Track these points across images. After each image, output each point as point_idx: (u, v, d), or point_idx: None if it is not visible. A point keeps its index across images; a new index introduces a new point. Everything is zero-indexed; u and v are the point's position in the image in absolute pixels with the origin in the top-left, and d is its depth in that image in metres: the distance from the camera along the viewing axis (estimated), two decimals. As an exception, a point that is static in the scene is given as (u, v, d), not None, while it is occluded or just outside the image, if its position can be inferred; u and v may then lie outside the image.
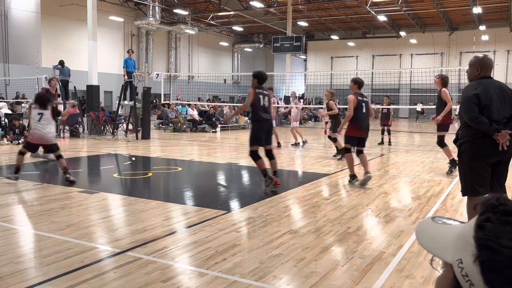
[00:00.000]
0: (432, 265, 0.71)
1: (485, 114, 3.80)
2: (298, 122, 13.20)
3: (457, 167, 7.57)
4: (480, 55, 4.10)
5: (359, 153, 7.15)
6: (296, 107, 13.48)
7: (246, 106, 6.80)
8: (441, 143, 8.36)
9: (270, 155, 6.72)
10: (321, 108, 17.25)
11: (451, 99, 8.30)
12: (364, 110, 7.02)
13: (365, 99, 7.12)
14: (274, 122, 13.11)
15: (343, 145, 7.84)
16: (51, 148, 7.07)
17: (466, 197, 4.13)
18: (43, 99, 7.05)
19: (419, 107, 29.77)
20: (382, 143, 13.84)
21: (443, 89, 8.08)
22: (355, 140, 7.08)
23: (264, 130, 6.55)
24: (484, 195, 4.22)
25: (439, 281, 0.71)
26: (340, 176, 8.16)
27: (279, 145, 12.71)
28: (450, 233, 0.67)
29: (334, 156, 10.56)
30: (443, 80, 8.15)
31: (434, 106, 8.99)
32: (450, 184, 7.38)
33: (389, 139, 13.85)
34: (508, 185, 4.21)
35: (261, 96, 6.42)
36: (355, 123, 7.00)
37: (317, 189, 6.92)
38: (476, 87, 3.88)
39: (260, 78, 6.58)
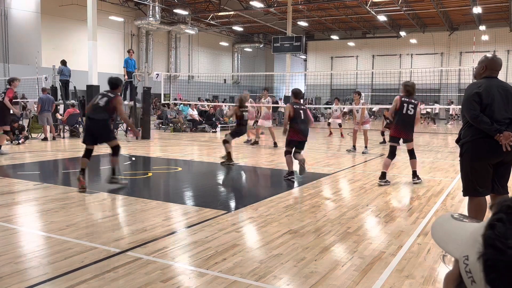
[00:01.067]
0: (444, 261, 0.72)
1: (486, 114, 3.79)
2: (269, 121, 13.39)
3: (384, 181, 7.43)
4: (490, 55, 4.06)
5: (296, 153, 7.71)
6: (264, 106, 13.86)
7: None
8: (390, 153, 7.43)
9: (112, 152, 6.87)
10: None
11: (402, 105, 7.24)
12: (302, 117, 7.57)
13: (302, 107, 7.67)
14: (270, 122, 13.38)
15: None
16: None
17: (467, 197, 4.13)
18: None
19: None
20: (384, 142, 14.02)
21: (397, 96, 7.46)
22: (295, 143, 7.65)
23: (88, 127, 6.76)
24: (485, 196, 4.21)
25: (447, 276, 0.72)
26: (340, 176, 8.16)
27: (275, 145, 12.74)
28: (465, 231, 0.68)
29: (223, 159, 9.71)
30: (404, 89, 7.36)
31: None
32: (450, 184, 7.38)
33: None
34: (510, 185, 4.20)
35: (99, 96, 6.72)
36: (295, 128, 7.54)
37: (317, 189, 6.91)
38: (479, 85, 3.87)
39: (110, 83, 6.84)
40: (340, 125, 17.17)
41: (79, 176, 6.45)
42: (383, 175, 7.33)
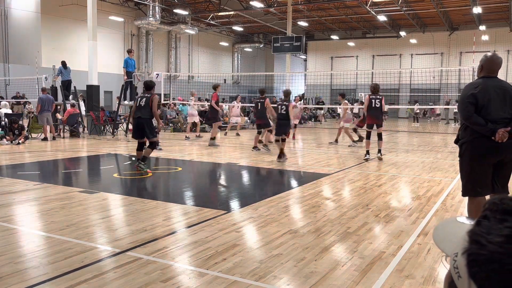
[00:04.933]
0: (447, 262, 0.75)
1: (482, 114, 3.77)
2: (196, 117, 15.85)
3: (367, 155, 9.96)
4: (489, 54, 4.03)
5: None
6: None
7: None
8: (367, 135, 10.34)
9: (149, 144, 8.23)
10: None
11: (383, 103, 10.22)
12: (259, 107, 11.67)
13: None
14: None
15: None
16: None
17: (467, 197, 4.12)
18: None
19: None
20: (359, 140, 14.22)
21: (366, 96, 10.40)
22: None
23: (135, 126, 8.16)
24: (484, 196, 4.21)
25: (445, 276, 0.75)
26: (340, 176, 8.16)
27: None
28: (461, 230, 0.71)
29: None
30: (370, 89, 10.39)
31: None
32: (450, 184, 7.38)
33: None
34: (511, 185, 4.19)
35: (138, 99, 8.16)
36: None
37: (317, 189, 6.91)
38: (476, 86, 3.85)
39: (145, 86, 8.26)
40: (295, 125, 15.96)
41: (136, 164, 8.14)
42: (367, 152, 10.24)
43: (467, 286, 0.63)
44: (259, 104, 11.78)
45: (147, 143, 8.25)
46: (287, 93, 10.60)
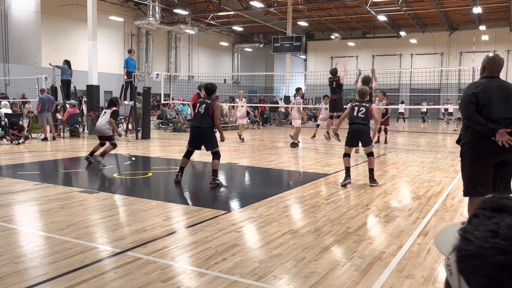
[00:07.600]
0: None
1: (483, 114, 3.77)
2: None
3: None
4: (491, 54, 4.03)
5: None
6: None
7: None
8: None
9: (212, 155, 7.16)
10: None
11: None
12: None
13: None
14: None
15: None
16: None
17: (467, 197, 4.12)
18: None
19: (401, 108, 27.57)
20: (378, 141, 13.82)
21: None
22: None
23: (193, 135, 7.14)
24: (485, 196, 4.20)
25: (445, 277, 0.76)
26: (340, 176, 8.16)
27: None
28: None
29: None
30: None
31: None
32: (450, 184, 7.38)
33: (385, 138, 14.01)
34: None
35: (198, 105, 7.14)
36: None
37: (317, 189, 6.91)
38: (477, 86, 3.85)
39: (206, 90, 7.30)
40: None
41: (178, 174, 7.17)
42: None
43: (457, 282, 0.65)
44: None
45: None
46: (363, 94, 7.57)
